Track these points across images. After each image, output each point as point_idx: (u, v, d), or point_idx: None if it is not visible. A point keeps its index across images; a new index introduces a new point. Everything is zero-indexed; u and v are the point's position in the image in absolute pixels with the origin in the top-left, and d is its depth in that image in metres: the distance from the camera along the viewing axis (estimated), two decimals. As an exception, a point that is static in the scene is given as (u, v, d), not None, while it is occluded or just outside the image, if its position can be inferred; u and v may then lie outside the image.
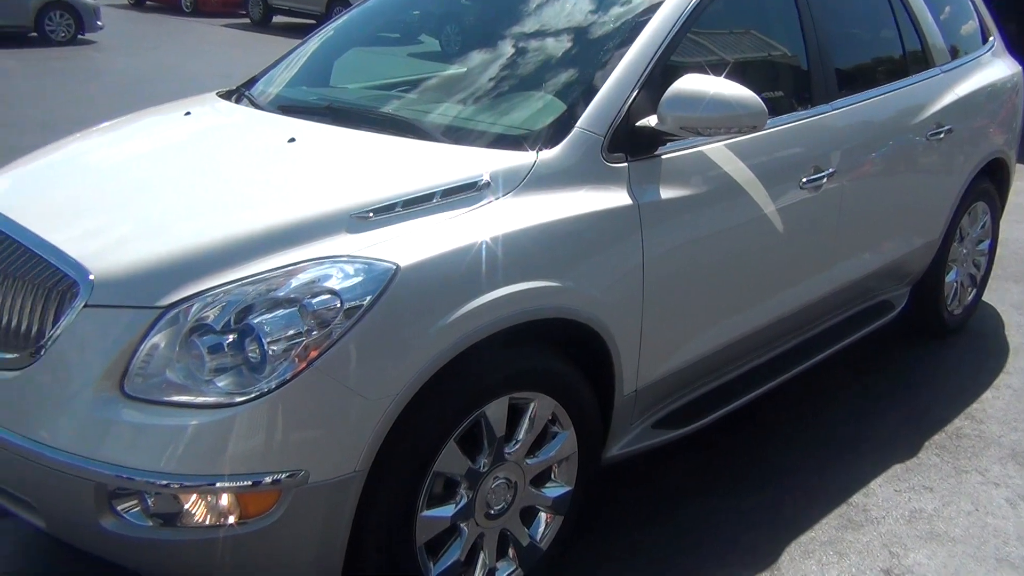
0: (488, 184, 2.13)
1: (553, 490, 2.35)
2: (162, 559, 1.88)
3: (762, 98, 2.37)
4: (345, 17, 3.49)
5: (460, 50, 3.19)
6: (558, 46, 2.70)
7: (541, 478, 2.33)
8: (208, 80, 11.39)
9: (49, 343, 1.87)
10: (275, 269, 1.87)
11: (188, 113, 2.76)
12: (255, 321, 1.80)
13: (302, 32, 18.72)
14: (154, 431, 1.80)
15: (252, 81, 3.29)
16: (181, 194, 2.16)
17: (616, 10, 2.72)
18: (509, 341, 2.09)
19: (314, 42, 3.48)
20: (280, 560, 1.88)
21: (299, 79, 3.29)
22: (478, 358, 2.01)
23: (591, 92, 2.40)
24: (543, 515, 2.37)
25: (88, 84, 10.83)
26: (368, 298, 1.84)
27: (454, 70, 2.97)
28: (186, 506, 1.82)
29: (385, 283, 1.86)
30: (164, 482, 1.77)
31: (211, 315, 1.83)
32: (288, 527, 1.83)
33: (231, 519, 1.82)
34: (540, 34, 2.79)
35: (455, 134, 2.39)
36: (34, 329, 1.92)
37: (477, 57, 2.91)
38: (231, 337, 1.82)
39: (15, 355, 1.93)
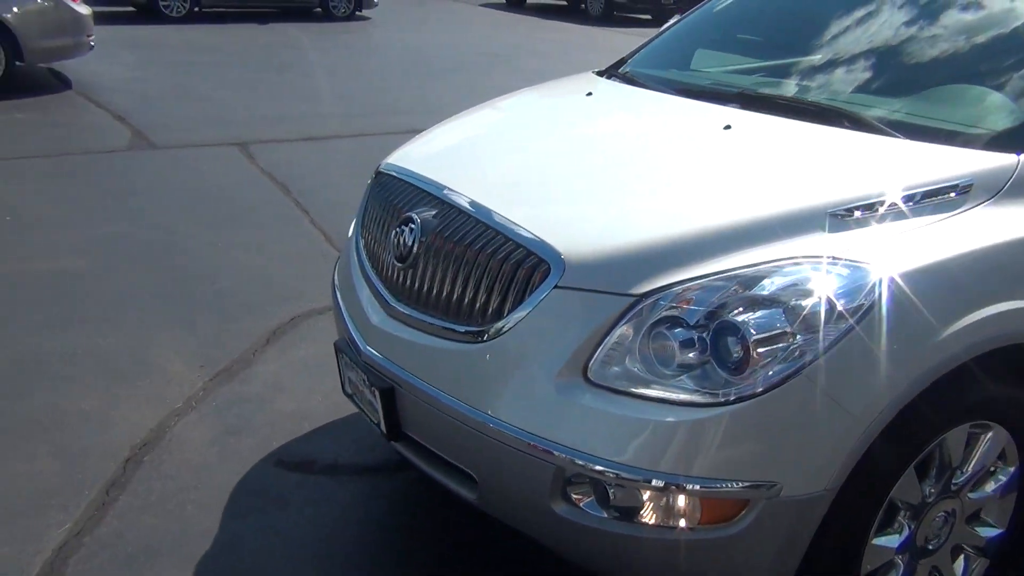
0: (970, 187, 1.91)
1: (987, 530, 2.12)
2: (610, 552, 1.83)
3: None
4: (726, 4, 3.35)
5: (855, 34, 2.95)
6: (1010, 34, 2.40)
7: (972, 516, 2.10)
8: (481, 57, 11.75)
9: (514, 321, 1.87)
10: (752, 265, 1.76)
11: (589, 94, 2.72)
12: (738, 319, 1.70)
13: (554, 13, 19.09)
14: (619, 421, 1.75)
15: (622, 62, 3.24)
16: (630, 178, 2.10)
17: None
18: (979, 364, 1.88)
19: (678, 27, 3.40)
20: (731, 574, 1.79)
21: (664, 62, 3.20)
22: (952, 380, 1.81)
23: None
24: (968, 555, 2.14)
25: (371, 57, 11.47)
26: (860, 305, 1.69)
27: (854, 55, 2.74)
28: (645, 501, 1.76)
29: (878, 290, 1.70)
30: (630, 475, 1.72)
31: (683, 308, 1.75)
32: (749, 540, 1.72)
33: (688, 522, 1.74)
34: (981, 19, 2.51)
35: (910, 130, 2.17)
36: (494, 305, 1.93)
37: (887, 42, 2.67)
38: (704, 333, 1.73)
39: (474, 329, 1.95)
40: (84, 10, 8.24)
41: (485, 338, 1.92)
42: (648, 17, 18.76)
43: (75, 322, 3.76)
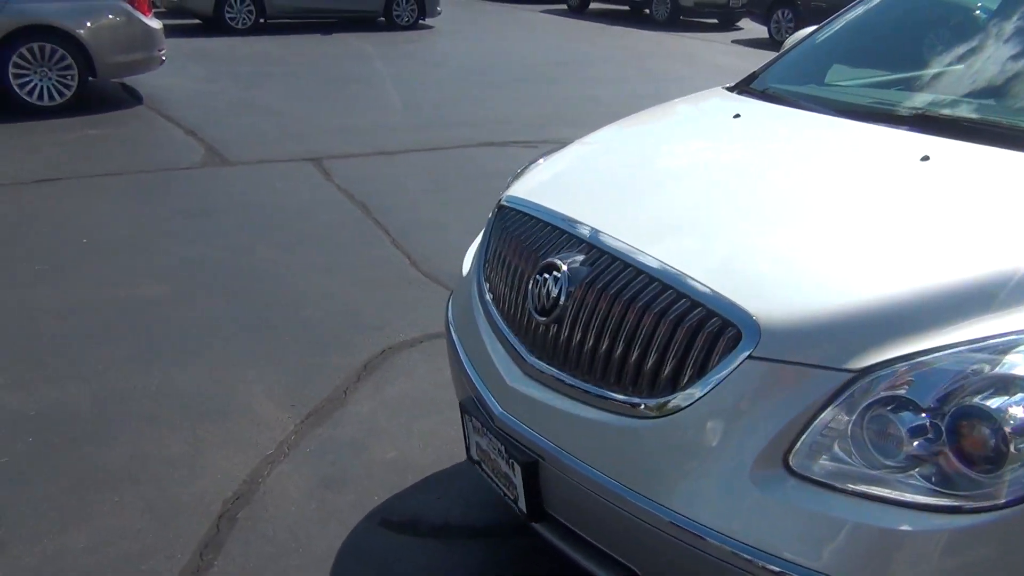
0: None
1: None
2: None
3: None
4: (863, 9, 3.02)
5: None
6: None
7: None
8: (550, 65, 11.47)
9: (693, 395, 1.57)
10: (1001, 336, 1.44)
11: (737, 115, 2.40)
12: (988, 403, 1.38)
13: (618, 18, 18.77)
14: (831, 525, 1.43)
15: (752, 77, 2.92)
16: (821, 222, 1.77)
17: None
18: None
19: (812, 38, 3.07)
20: None
21: (800, 77, 2.88)
22: None
23: None
24: None
25: (438, 66, 11.26)
26: None
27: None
28: (863, 623, 1.44)
29: None
30: (845, 592, 1.41)
31: (911, 387, 1.44)
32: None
33: (919, 650, 1.42)
34: None
35: None
36: (665, 374, 1.63)
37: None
38: (938, 419, 1.42)
39: (639, 400, 1.66)
40: (156, 24, 8.17)
41: (647, 409, 1.63)
42: (715, 21, 18.32)
43: (157, 355, 3.56)
